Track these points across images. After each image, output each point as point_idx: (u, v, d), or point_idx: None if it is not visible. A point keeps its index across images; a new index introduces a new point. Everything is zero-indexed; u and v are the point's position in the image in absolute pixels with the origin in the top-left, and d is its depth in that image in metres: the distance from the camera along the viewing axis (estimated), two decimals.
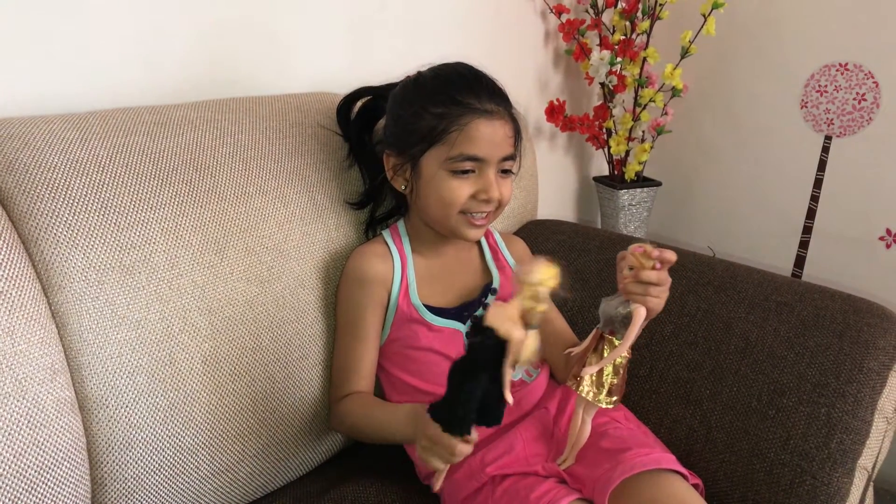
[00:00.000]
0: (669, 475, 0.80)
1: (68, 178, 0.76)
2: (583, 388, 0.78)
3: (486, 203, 0.87)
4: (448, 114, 0.84)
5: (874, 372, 0.89)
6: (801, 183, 1.55)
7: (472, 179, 0.86)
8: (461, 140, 0.84)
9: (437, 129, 0.85)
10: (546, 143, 1.67)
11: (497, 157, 0.86)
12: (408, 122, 0.88)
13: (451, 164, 0.85)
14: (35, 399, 0.68)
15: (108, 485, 0.76)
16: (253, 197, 0.88)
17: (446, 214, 0.88)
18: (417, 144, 0.87)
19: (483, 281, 0.97)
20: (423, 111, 0.86)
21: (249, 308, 0.85)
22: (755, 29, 1.56)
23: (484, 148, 0.85)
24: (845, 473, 0.84)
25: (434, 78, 0.89)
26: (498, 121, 0.86)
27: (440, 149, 0.85)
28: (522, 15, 1.53)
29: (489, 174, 0.86)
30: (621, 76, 1.50)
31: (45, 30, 0.88)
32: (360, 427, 0.89)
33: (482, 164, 0.86)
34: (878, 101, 1.41)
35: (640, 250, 0.75)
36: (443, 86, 0.87)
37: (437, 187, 0.87)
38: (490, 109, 0.85)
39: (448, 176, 0.86)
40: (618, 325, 0.77)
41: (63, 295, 0.73)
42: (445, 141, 0.85)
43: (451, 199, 0.86)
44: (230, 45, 1.07)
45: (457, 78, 0.88)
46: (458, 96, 0.85)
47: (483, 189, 0.86)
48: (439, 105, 0.85)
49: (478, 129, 0.84)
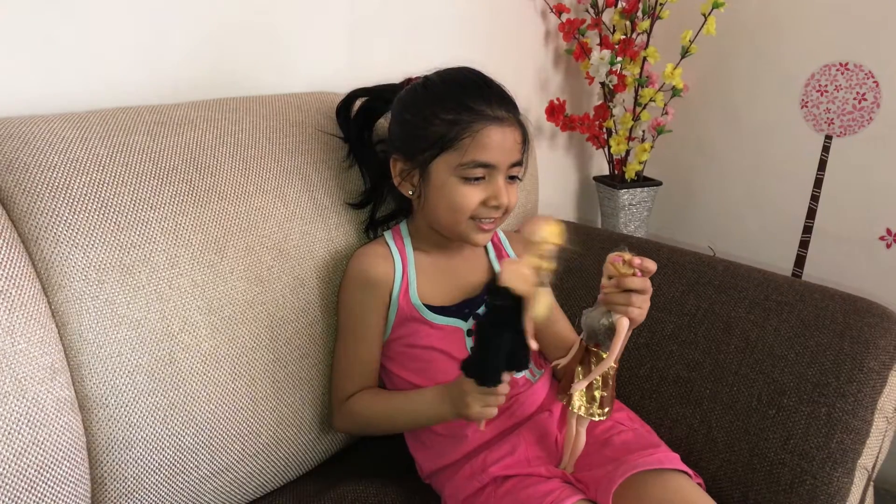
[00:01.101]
0: (674, 474, 0.80)
1: (68, 177, 0.76)
2: (574, 403, 0.78)
3: (495, 209, 0.87)
4: (460, 120, 0.84)
5: (874, 371, 0.89)
6: (801, 182, 1.55)
7: (482, 186, 0.86)
8: (473, 147, 0.84)
9: (448, 135, 0.84)
10: (546, 143, 1.67)
11: (507, 163, 0.86)
12: (417, 127, 0.87)
13: (463, 170, 0.85)
14: (35, 398, 0.68)
15: (108, 484, 0.76)
16: (253, 196, 0.88)
17: (456, 220, 0.87)
18: (427, 150, 0.86)
19: (486, 278, 0.97)
20: (434, 117, 0.85)
21: (249, 307, 0.85)
22: (756, 28, 1.56)
23: (495, 155, 0.85)
24: (845, 473, 0.84)
25: (444, 83, 0.88)
26: (508, 127, 0.86)
27: (451, 155, 0.85)
28: (522, 14, 1.53)
29: (499, 180, 0.86)
30: (621, 76, 1.50)
31: (45, 29, 0.88)
32: (379, 420, 0.90)
33: (492, 170, 0.85)
34: (879, 101, 1.41)
35: (620, 260, 0.75)
36: (453, 92, 0.86)
37: (447, 194, 0.86)
38: (501, 116, 0.85)
39: (459, 182, 0.85)
40: (602, 338, 0.77)
41: (63, 294, 0.73)
42: (457, 147, 0.84)
43: (461, 206, 0.86)
44: (231, 44, 1.07)
45: (468, 84, 0.87)
46: (469, 102, 0.84)
47: (493, 195, 0.86)
48: (450, 111, 0.84)
49: (490, 136, 0.84)
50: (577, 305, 1.08)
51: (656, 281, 0.76)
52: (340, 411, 0.92)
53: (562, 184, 1.77)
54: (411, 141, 0.88)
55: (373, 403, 0.90)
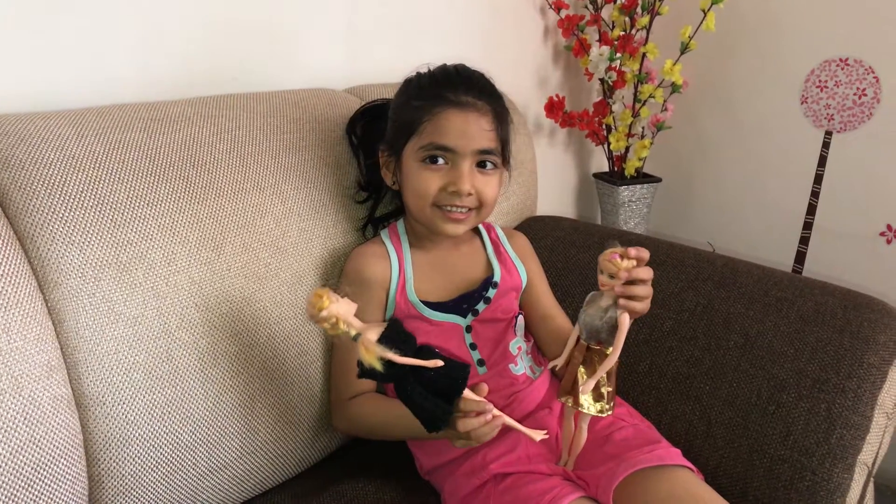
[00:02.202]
0: (677, 469, 0.80)
1: (64, 174, 0.76)
2: (583, 405, 0.77)
3: (455, 196, 0.86)
4: (423, 106, 0.86)
5: (874, 367, 0.89)
6: (801, 178, 1.55)
7: (444, 171, 0.86)
8: (430, 129, 0.85)
9: (413, 120, 0.86)
10: (545, 140, 1.67)
11: (470, 148, 0.85)
12: (395, 117, 0.90)
13: (422, 153, 0.86)
14: (31, 396, 0.68)
15: (106, 481, 0.76)
16: (250, 193, 0.88)
17: (420, 207, 0.88)
18: (400, 138, 0.89)
19: (485, 275, 0.96)
20: (406, 105, 0.88)
21: (247, 304, 0.85)
22: (755, 24, 1.55)
23: (453, 138, 0.85)
24: (845, 469, 0.84)
25: (425, 76, 0.90)
26: (472, 113, 0.86)
27: (415, 140, 0.87)
28: (521, 11, 1.53)
29: (462, 167, 0.86)
30: (621, 72, 1.50)
31: (41, 26, 0.88)
32: (378, 428, 0.90)
33: (454, 155, 0.86)
34: (879, 97, 1.41)
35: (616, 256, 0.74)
36: (427, 82, 0.89)
37: (411, 179, 0.88)
38: (463, 101, 0.85)
39: (420, 167, 0.87)
40: (604, 335, 0.76)
41: (59, 292, 0.73)
42: (419, 132, 0.86)
43: (421, 191, 0.86)
44: (228, 41, 1.07)
45: (443, 75, 0.89)
46: (438, 90, 0.86)
47: (452, 181, 0.85)
48: (420, 98, 0.87)
49: (448, 119, 0.85)
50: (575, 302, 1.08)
51: (656, 277, 0.75)
52: (340, 412, 0.92)
53: (561, 180, 1.76)
54: (391, 131, 0.91)
55: (375, 412, 0.89)
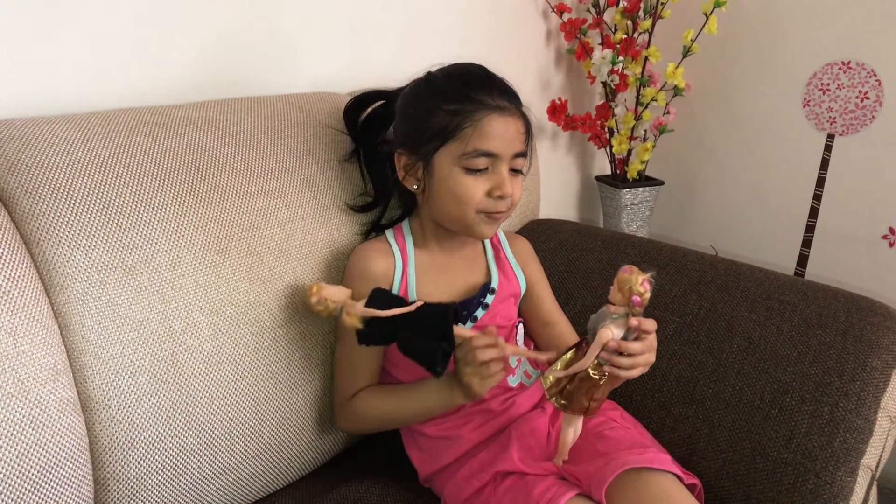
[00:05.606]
0: (663, 474, 0.80)
1: (70, 178, 0.76)
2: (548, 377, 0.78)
3: (501, 200, 0.87)
4: (462, 110, 0.85)
5: (877, 370, 0.89)
6: (803, 181, 1.55)
7: (486, 176, 0.86)
8: (475, 136, 0.84)
9: (450, 125, 0.85)
10: (548, 143, 1.67)
11: (510, 153, 0.86)
12: (420, 119, 0.87)
13: (466, 160, 0.85)
14: (37, 399, 0.68)
15: (111, 485, 0.76)
16: (255, 197, 0.88)
17: (463, 213, 0.87)
18: (430, 142, 0.86)
19: (484, 280, 0.97)
20: (436, 108, 0.86)
21: (252, 308, 0.85)
22: (757, 27, 1.55)
23: (497, 144, 0.85)
24: (849, 472, 0.84)
25: (446, 77, 0.89)
26: (510, 117, 0.86)
27: (454, 145, 0.85)
28: (524, 14, 1.53)
29: (502, 171, 0.86)
30: (623, 75, 1.50)
31: (47, 30, 0.88)
32: (387, 416, 0.90)
33: (496, 160, 0.86)
34: (881, 99, 1.41)
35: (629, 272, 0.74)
36: (456, 84, 0.87)
37: (452, 185, 0.86)
38: (503, 105, 0.86)
39: (462, 173, 0.86)
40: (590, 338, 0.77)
41: (65, 295, 0.73)
42: (459, 137, 0.85)
43: (467, 197, 0.86)
44: (232, 45, 1.07)
45: (469, 76, 0.88)
46: (471, 93, 0.85)
47: (497, 185, 0.86)
48: (452, 102, 0.85)
49: (491, 124, 0.84)
50: (578, 306, 1.08)
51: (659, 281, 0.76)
52: (343, 411, 0.92)
53: (563, 184, 1.77)
54: (415, 134, 0.88)
55: (379, 401, 0.90)
